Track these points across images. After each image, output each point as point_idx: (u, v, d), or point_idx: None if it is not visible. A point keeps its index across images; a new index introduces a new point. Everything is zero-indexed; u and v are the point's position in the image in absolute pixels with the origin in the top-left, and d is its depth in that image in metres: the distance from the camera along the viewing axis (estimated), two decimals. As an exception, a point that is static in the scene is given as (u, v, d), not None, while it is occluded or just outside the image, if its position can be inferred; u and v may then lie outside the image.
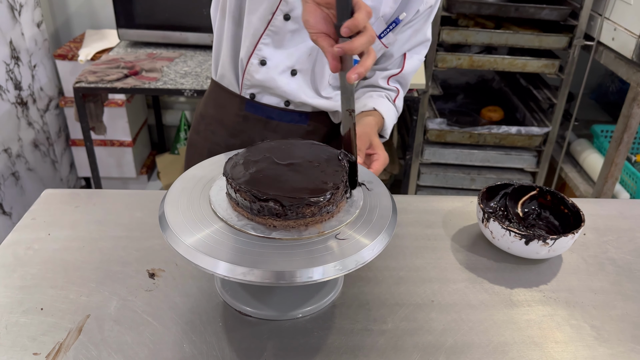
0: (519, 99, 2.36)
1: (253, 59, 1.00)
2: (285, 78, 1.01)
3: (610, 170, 1.84)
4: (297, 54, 0.99)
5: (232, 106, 1.08)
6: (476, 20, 2.11)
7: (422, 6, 0.99)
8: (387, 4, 0.96)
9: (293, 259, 0.62)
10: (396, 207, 0.73)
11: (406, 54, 1.07)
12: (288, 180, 0.68)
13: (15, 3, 2.10)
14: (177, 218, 0.67)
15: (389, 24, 0.98)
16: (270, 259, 0.62)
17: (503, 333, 0.73)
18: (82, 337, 0.69)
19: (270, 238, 0.65)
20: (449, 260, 0.87)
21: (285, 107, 1.06)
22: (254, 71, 1.01)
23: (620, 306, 0.79)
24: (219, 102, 1.11)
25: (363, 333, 0.72)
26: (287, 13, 0.94)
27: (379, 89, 1.10)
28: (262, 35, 0.97)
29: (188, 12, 2.16)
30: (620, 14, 1.79)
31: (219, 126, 1.12)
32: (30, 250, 0.85)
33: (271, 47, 0.98)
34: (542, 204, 0.96)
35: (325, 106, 1.06)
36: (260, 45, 0.98)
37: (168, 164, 2.68)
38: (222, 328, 0.72)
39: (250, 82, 1.03)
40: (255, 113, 1.07)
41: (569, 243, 0.84)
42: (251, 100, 1.06)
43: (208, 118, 1.14)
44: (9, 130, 2.09)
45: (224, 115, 1.10)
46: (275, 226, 0.66)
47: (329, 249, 0.64)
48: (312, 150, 0.75)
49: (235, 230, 0.66)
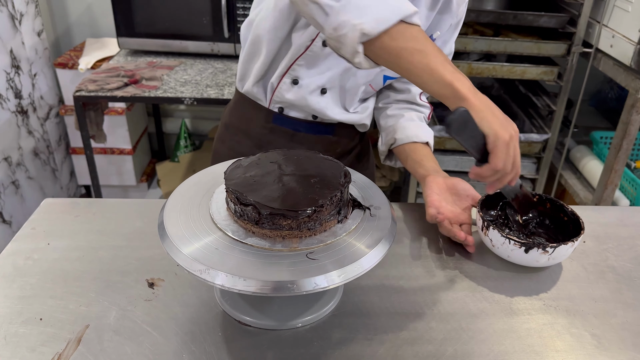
0: (518, 106, 2.37)
1: (286, 78, 0.99)
2: (315, 97, 1.01)
3: (610, 177, 1.85)
4: (329, 74, 0.99)
5: (259, 118, 1.07)
6: (475, 27, 2.12)
7: (453, 20, 0.99)
8: (420, 23, 0.95)
9: (288, 269, 0.62)
10: (395, 215, 0.73)
11: None
12: (276, 189, 0.68)
13: (16, 12, 2.11)
14: (175, 228, 0.67)
15: None
16: (265, 268, 0.62)
17: (503, 342, 0.73)
18: (81, 347, 0.69)
19: (243, 243, 0.66)
20: (449, 269, 0.87)
21: (312, 120, 1.06)
22: (285, 90, 1.00)
23: (621, 314, 0.79)
24: (245, 113, 1.10)
25: (363, 342, 0.72)
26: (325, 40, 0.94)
27: (414, 107, 1.10)
28: (298, 58, 0.96)
29: (188, 20, 2.17)
30: (619, 21, 1.80)
31: (244, 137, 1.11)
32: (30, 260, 0.85)
33: (304, 68, 0.98)
34: (542, 212, 0.96)
35: (351, 120, 1.06)
36: (295, 66, 0.97)
37: (168, 172, 2.69)
38: (222, 338, 0.72)
39: (280, 99, 1.03)
40: (282, 125, 1.06)
41: (569, 251, 0.84)
42: (279, 113, 1.05)
43: (233, 128, 1.13)
44: (9, 139, 2.10)
45: (249, 126, 1.09)
46: (253, 232, 0.67)
47: (327, 258, 0.64)
48: (321, 165, 0.75)
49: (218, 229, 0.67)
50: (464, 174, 2.25)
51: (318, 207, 0.66)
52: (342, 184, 0.70)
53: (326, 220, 0.68)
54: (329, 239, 0.67)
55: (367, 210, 0.74)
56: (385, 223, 0.71)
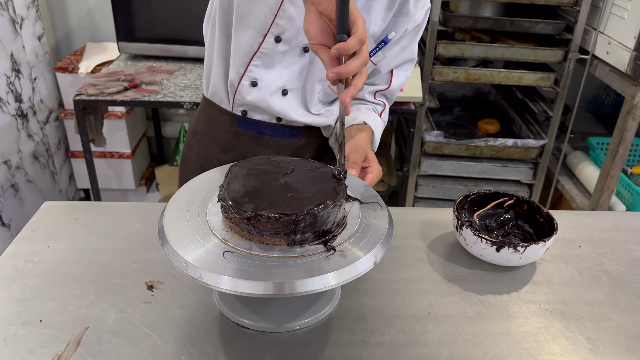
0: (515, 111, 2.38)
1: (244, 80, 1.00)
2: (276, 98, 1.02)
3: (606, 183, 1.86)
4: (287, 74, 1.00)
5: (224, 122, 1.09)
6: (472, 34, 2.13)
7: (410, 25, 1.00)
8: (376, 23, 0.97)
9: (289, 271, 0.62)
10: (392, 219, 0.74)
11: (393, 71, 1.08)
12: (273, 197, 0.68)
13: (17, 16, 2.12)
14: (175, 233, 0.68)
15: (378, 43, 0.99)
16: (263, 270, 0.62)
17: (499, 345, 0.74)
18: (80, 349, 0.70)
19: (240, 249, 0.66)
20: (445, 272, 0.88)
21: (277, 122, 1.07)
22: (245, 92, 1.01)
23: (615, 318, 0.80)
24: (211, 118, 1.11)
25: (360, 345, 0.73)
26: (278, 35, 0.95)
27: (365, 103, 1.11)
28: (252, 57, 0.98)
29: (188, 25, 2.18)
30: (615, 28, 1.82)
31: (211, 142, 1.12)
32: (30, 262, 0.86)
33: (262, 69, 0.99)
34: (519, 213, 0.97)
35: (315, 122, 1.07)
36: (252, 67, 0.99)
37: (167, 176, 2.69)
38: (220, 340, 0.72)
39: (241, 102, 1.04)
40: (247, 129, 1.08)
41: (541, 251, 0.86)
42: (243, 117, 1.07)
43: (200, 134, 1.14)
44: (8, 142, 2.11)
45: (215, 131, 1.11)
46: (249, 239, 0.67)
47: (326, 260, 0.64)
48: (316, 171, 0.75)
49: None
50: (460, 178, 2.26)
51: (314, 213, 0.66)
52: (339, 192, 0.70)
53: (322, 226, 0.68)
54: (324, 242, 0.68)
55: (356, 200, 0.76)
56: (382, 227, 0.72)
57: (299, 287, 0.61)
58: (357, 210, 0.75)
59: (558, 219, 0.91)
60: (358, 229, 0.71)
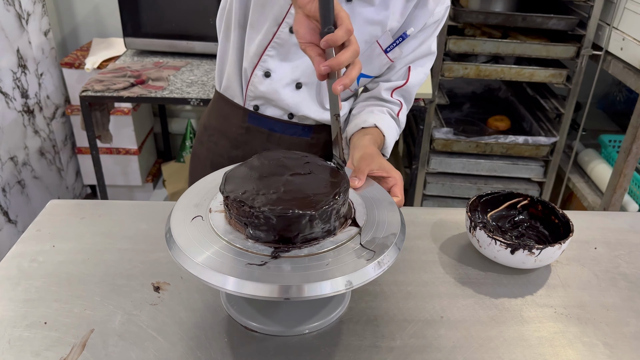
0: (525, 108, 2.35)
1: (257, 70, 0.99)
2: (289, 91, 1.01)
3: (619, 181, 1.83)
4: (302, 67, 0.99)
5: (235, 118, 1.08)
6: (483, 29, 2.10)
7: (429, 19, 0.98)
8: (394, 18, 0.95)
9: (298, 273, 0.61)
10: (404, 221, 0.72)
11: (411, 67, 1.04)
12: (277, 196, 0.66)
13: (23, 12, 2.11)
14: (183, 236, 0.66)
15: (396, 39, 0.97)
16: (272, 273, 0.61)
17: (514, 350, 0.72)
18: (86, 352, 0.68)
19: (248, 250, 0.64)
20: (458, 275, 0.86)
21: (288, 119, 1.05)
22: (258, 82, 1.00)
23: (634, 323, 0.78)
24: (222, 114, 1.10)
25: (371, 350, 0.71)
26: (292, 26, 0.94)
27: (381, 102, 1.05)
28: (267, 46, 0.96)
29: (194, 21, 2.17)
30: (629, 23, 1.78)
31: (221, 137, 1.11)
32: (35, 262, 0.84)
33: (276, 60, 0.98)
34: (533, 214, 0.95)
35: (328, 119, 1.05)
36: (265, 57, 0.98)
37: (173, 172, 2.68)
38: (228, 344, 0.71)
39: (254, 94, 1.03)
40: (258, 125, 1.07)
41: (557, 254, 0.83)
42: (254, 112, 1.05)
43: (211, 129, 1.13)
44: (15, 139, 2.10)
45: (226, 126, 1.10)
46: (257, 239, 0.66)
47: (335, 263, 0.63)
48: (320, 169, 0.73)
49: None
50: (470, 176, 2.23)
51: (322, 212, 0.64)
52: (332, 201, 0.67)
53: (310, 233, 0.66)
54: (335, 245, 0.66)
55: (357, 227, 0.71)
56: (393, 229, 0.70)
57: (307, 291, 0.59)
58: (363, 209, 0.73)
59: (572, 220, 0.88)
60: (369, 231, 0.69)
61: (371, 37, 0.95)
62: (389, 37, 0.96)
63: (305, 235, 0.65)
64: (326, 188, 0.69)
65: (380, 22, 0.94)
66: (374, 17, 0.94)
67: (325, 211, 0.65)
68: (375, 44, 0.96)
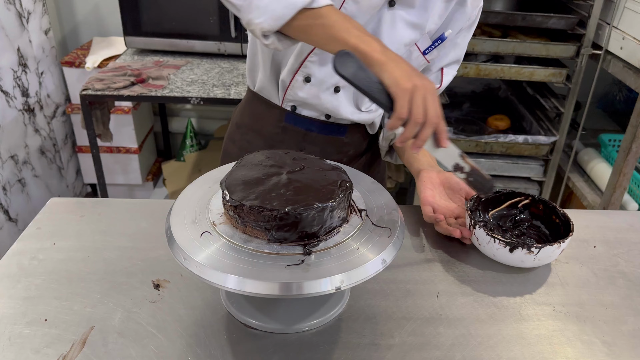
0: (525, 107, 2.35)
1: (298, 75, 0.98)
2: (328, 95, 1.00)
3: (619, 180, 1.83)
4: None
5: (271, 117, 1.07)
6: (482, 28, 2.10)
7: (465, 23, 0.98)
8: (433, 20, 0.94)
9: (340, 263, 0.62)
10: (403, 220, 0.73)
11: (444, 69, 1.04)
12: (276, 194, 0.66)
13: (24, 11, 2.11)
14: (182, 234, 0.67)
15: (434, 41, 0.96)
16: (271, 270, 0.61)
17: (512, 348, 0.72)
18: (86, 349, 0.69)
19: (248, 248, 0.65)
20: (457, 273, 0.86)
21: (325, 119, 1.05)
22: (298, 88, 1.00)
23: (632, 321, 0.78)
24: (257, 112, 1.09)
25: (370, 347, 0.71)
26: None
27: None
28: (310, 53, 0.95)
29: (195, 20, 2.17)
30: (629, 23, 1.78)
31: (255, 136, 1.11)
32: (35, 260, 0.85)
33: (317, 65, 0.97)
34: (534, 214, 0.95)
35: (364, 120, 1.06)
36: (307, 63, 0.96)
37: (174, 171, 2.68)
38: (227, 341, 0.71)
39: (293, 98, 1.02)
40: (295, 125, 1.06)
41: (556, 252, 0.84)
42: (292, 112, 1.05)
43: (244, 128, 1.12)
44: (15, 137, 2.10)
45: (261, 125, 1.09)
46: (257, 236, 0.67)
47: (332, 261, 0.63)
48: (321, 169, 0.73)
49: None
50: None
51: (320, 210, 0.64)
52: (343, 189, 0.68)
53: (330, 224, 0.67)
54: (335, 242, 0.67)
55: (362, 212, 0.73)
56: (392, 227, 0.70)
57: (356, 277, 0.61)
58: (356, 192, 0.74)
59: (571, 219, 0.89)
60: (367, 229, 0.69)
61: (410, 41, 0.95)
62: (427, 40, 0.96)
63: (326, 226, 0.66)
64: (329, 178, 0.70)
65: (420, 25, 0.93)
66: (414, 20, 0.93)
67: (342, 199, 0.67)
68: (414, 47, 0.96)
